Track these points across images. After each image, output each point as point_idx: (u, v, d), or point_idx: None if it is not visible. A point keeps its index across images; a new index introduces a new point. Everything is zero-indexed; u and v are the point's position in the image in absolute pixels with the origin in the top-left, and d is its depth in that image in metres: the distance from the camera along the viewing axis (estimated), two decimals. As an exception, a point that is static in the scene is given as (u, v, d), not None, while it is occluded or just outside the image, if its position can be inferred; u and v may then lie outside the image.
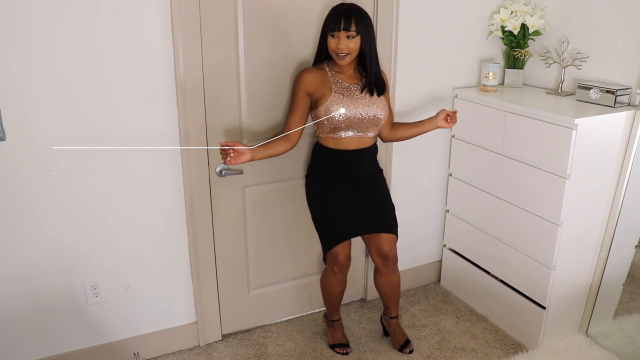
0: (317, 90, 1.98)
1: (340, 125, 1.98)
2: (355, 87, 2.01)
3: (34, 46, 1.76)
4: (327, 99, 1.97)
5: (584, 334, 2.42)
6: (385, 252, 2.17)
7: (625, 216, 2.22)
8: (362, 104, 1.99)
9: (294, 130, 2.01)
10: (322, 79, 1.99)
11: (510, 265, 2.41)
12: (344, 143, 2.04)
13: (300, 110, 2.01)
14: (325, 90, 1.98)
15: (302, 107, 2.00)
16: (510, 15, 2.45)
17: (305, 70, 2.02)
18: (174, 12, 1.91)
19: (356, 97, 1.99)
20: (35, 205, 1.93)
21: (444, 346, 2.41)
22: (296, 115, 2.01)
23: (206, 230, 2.25)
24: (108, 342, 2.23)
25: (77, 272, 2.08)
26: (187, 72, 1.99)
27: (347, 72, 2.02)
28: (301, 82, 1.99)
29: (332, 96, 1.97)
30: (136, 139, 2.01)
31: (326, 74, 2.00)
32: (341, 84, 1.99)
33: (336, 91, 1.98)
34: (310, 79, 1.98)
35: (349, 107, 1.97)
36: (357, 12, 1.91)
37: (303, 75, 1.99)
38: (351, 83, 2.01)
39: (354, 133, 2.02)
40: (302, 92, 1.99)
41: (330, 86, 1.98)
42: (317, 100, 1.99)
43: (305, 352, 2.38)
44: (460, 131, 2.58)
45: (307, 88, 1.98)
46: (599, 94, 2.17)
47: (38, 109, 1.83)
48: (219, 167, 2.19)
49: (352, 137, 2.03)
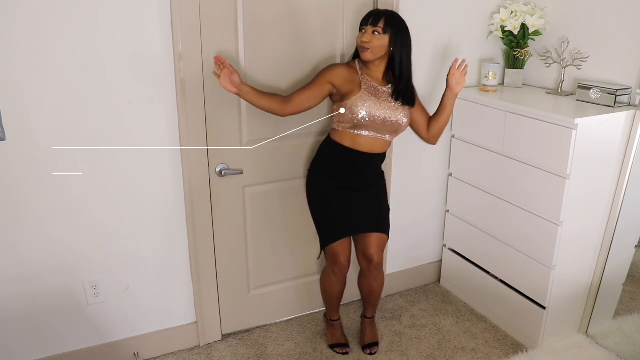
0: (344, 85, 2.00)
1: (362, 122, 1.99)
2: (382, 90, 2.02)
3: (34, 46, 1.76)
4: (354, 95, 1.98)
5: (584, 334, 2.42)
6: (371, 255, 2.17)
7: (625, 216, 2.22)
8: (388, 107, 2.00)
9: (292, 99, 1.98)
10: (352, 75, 2.01)
11: (510, 265, 2.41)
12: (359, 142, 2.04)
13: (313, 92, 1.99)
14: (354, 87, 2.00)
15: (317, 89, 2.00)
16: (510, 15, 2.45)
17: (339, 63, 2.07)
18: (174, 12, 1.91)
19: (383, 99, 2.00)
20: (35, 205, 1.93)
21: (444, 346, 2.41)
22: (306, 93, 1.99)
23: (206, 230, 2.25)
24: (108, 342, 2.23)
25: (77, 272, 2.08)
26: (187, 71, 1.99)
27: (374, 75, 2.03)
28: (329, 70, 2.01)
29: (360, 93, 1.98)
30: (136, 138, 2.02)
31: (356, 72, 2.03)
32: (370, 83, 2.01)
33: (365, 89, 1.99)
34: (339, 72, 2.01)
35: (375, 107, 1.98)
36: (391, 14, 1.97)
37: (334, 66, 2.04)
38: (380, 85, 2.02)
39: (372, 133, 2.03)
40: (324, 78, 2.00)
41: (360, 83, 2.00)
42: (345, 95, 2.00)
43: (305, 352, 2.38)
44: (460, 131, 2.58)
45: (331, 78, 1.99)
46: (599, 94, 2.17)
47: (38, 109, 1.83)
48: (219, 167, 2.19)
49: (368, 136, 2.03)
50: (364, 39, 1.94)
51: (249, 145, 2.23)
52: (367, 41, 1.93)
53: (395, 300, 2.77)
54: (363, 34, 1.95)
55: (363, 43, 1.94)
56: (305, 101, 1.99)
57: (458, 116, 2.57)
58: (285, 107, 1.97)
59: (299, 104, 1.98)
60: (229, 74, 1.84)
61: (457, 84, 2.08)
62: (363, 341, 2.40)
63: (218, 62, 1.84)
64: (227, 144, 2.18)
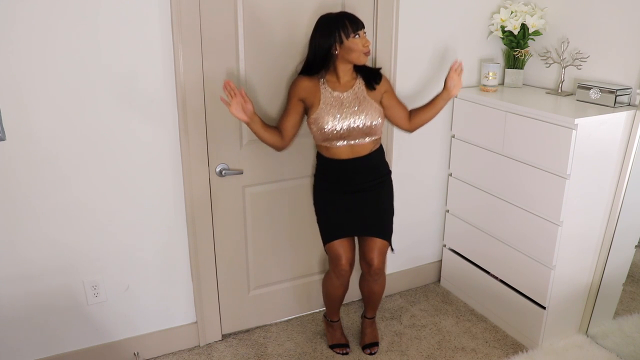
0: (308, 98, 2.01)
1: (329, 135, 1.99)
2: (343, 96, 2.00)
3: (34, 47, 1.76)
4: (316, 109, 1.99)
5: (584, 334, 2.42)
6: (371, 259, 2.16)
7: (625, 216, 2.22)
8: (350, 114, 1.98)
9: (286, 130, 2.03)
10: (314, 88, 2.00)
11: (510, 265, 2.41)
12: (336, 152, 2.04)
13: (293, 114, 2.03)
14: (315, 100, 2.00)
15: (295, 111, 2.03)
16: (510, 15, 2.45)
17: (301, 76, 2.03)
18: (174, 11, 1.91)
19: (345, 107, 1.98)
20: (35, 205, 1.93)
21: (444, 346, 2.41)
22: (287, 118, 2.03)
23: (206, 230, 2.25)
24: (108, 342, 2.23)
25: (77, 272, 2.08)
26: (187, 71, 1.99)
27: (343, 79, 2.01)
28: (294, 87, 2.02)
29: (320, 106, 1.98)
30: (136, 138, 2.02)
31: (317, 83, 2.01)
32: (330, 94, 1.99)
33: (324, 102, 1.98)
34: (303, 85, 2.01)
35: (336, 118, 1.97)
36: None
37: (297, 81, 2.03)
38: (343, 91, 2.00)
39: (345, 142, 2.02)
40: (294, 98, 2.02)
41: (320, 96, 1.99)
42: (309, 109, 2.02)
43: (305, 352, 2.38)
44: (460, 131, 2.58)
45: (299, 94, 2.01)
46: (599, 94, 2.17)
47: (38, 109, 1.83)
48: (219, 167, 2.19)
49: (343, 146, 2.02)
50: (367, 43, 1.92)
51: (249, 145, 2.23)
52: (369, 42, 1.93)
53: (395, 300, 2.77)
54: (361, 39, 1.91)
55: (367, 48, 1.92)
56: (290, 128, 2.04)
57: (458, 116, 2.57)
58: (283, 141, 2.04)
59: (289, 133, 2.04)
60: (242, 102, 1.86)
61: (455, 86, 2.07)
62: (363, 341, 2.40)
63: (228, 88, 1.84)
64: (227, 144, 2.18)
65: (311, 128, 2.03)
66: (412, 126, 2.17)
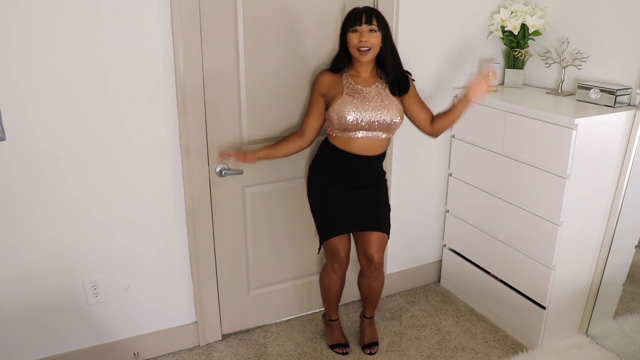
0: (329, 92, 2.02)
1: (348, 126, 1.99)
2: (367, 91, 2.00)
3: (34, 47, 1.76)
4: (337, 100, 1.99)
5: (584, 334, 2.42)
6: (371, 254, 2.16)
7: (625, 216, 2.22)
8: (372, 107, 1.98)
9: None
10: (336, 81, 2.02)
11: (510, 265, 2.41)
12: (354, 145, 2.03)
13: (316, 111, 2.06)
14: (337, 92, 2.01)
15: (317, 108, 2.05)
16: (510, 15, 2.45)
17: (323, 71, 2.06)
18: (174, 12, 1.91)
19: (367, 100, 1.99)
20: (35, 205, 1.93)
21: (444, 346, 2.41)
22: (311, 115, 2.07)
23: (206, 230, 2.25)
24: (108, 342, 2.23)
25: (77, 272, 2.08)
26: (187, 71, 1.99)
27: (362, 75, 2.02)
28: (316, 83, 2.05)
29: (342, 98, 1.99)
30: (136, 138, 2.02)
31: (341, 77, 2.03)
32: (354, 87, 2.00)
33: (347, 93, 1.99)
34: (324, 81, 2.03)
35: (358, 110, 1.97)
36: (376, 10, 1.97)
37: (319, 76, 2.06)
38: (365, 86, 2.01)
39: (365, 134, 2.02)
40: (317, 93, 2.05)
41: (342, 88, 2.00)
42: (330, 101, 2.02)
43: (305, 352, 2.38)
44: (460, 131, 2.58)
45: (320, 89, 2.04)
46: (599, 94, 2.17)
47: (38, 109, 1.83)
48: (219, 167, 2.19)
49: (362, 138, 2.02)
50: (364, 39, 1.90)
51: (249, 145, 2.23)
52: (368, 40, 1.90)
53: (395, 300, 2.77)
54: (359, 35, 1.90)
55: (363, 43, 1.90)
56: (315, 124, 2.07)
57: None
58: (303, 140, 2.09)
59: (313, 130, 2.08)
60: (242, 159, 2.04)
61: (477, 97, 1.96)
62: (363, 341, 2.40)
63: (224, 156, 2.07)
64: (227, 144, 2.18)
65: (331, 117, 2.00)
66: (434, 130, 2.13)
